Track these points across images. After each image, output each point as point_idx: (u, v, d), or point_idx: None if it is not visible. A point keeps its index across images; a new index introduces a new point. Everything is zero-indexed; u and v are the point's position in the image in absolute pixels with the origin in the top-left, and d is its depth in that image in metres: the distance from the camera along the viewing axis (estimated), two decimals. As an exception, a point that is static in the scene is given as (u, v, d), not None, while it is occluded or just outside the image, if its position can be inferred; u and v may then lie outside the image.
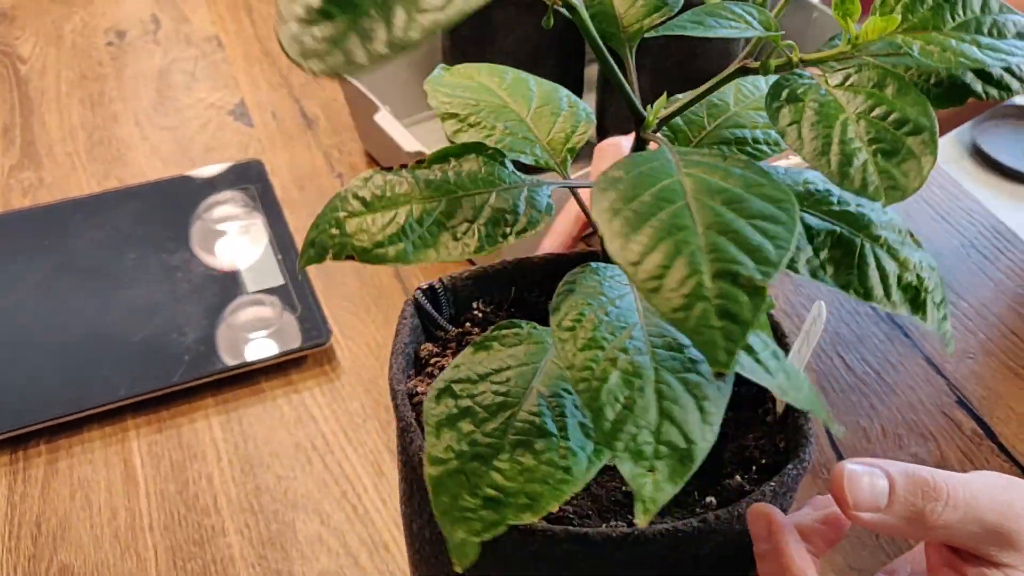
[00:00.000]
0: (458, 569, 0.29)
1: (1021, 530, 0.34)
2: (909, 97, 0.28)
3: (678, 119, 0.35)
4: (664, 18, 0.32)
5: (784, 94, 0.29)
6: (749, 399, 0.40)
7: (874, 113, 0.28)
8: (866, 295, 0.30)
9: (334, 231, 0.31)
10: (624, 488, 0.37)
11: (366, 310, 0.69)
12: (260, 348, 0.63)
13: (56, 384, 0.61)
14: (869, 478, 0.33)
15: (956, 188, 0.80)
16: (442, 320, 0.41)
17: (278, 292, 0.67)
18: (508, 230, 0.31)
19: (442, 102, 0.36)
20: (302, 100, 0.89)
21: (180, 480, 0.58)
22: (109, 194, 0.75)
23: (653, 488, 0.26)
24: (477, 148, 0.32)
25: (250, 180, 0.76)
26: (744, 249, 0.23)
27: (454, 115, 0.36)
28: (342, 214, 0.31)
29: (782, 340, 0.39)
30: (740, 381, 0.38)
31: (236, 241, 0.71)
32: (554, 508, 0.29)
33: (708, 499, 0.36)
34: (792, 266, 0.31)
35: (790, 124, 0.28)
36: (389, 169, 0.32)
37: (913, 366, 0.67)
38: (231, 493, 0.57)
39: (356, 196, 0.31)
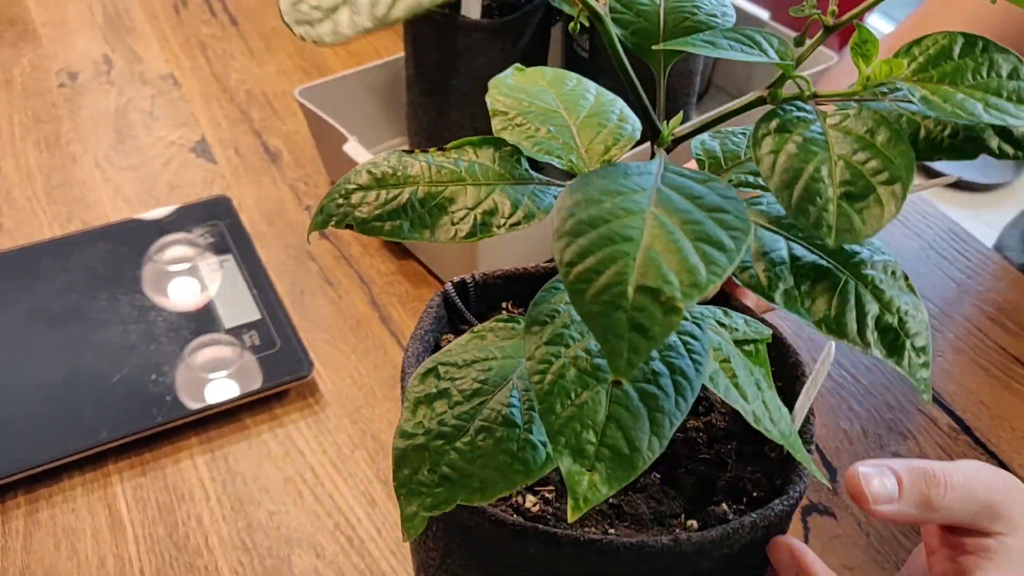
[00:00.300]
0: (405, 540, 0.30)
1: (1006, 502, 0.39)
2: (897, 148, 0.28)
3: (716, 146, 0.35)
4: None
5: (774, 124, 0.30)
6: (760, 434, 0.40)
7: (855, 157, 0.28)
8: (839, 333, 0.30)
9: (340, 200, 0.32)
10: (610, 500, 0.37)
11: (344, 340, 0.69)
12: (242, 384, 0.62)
13: (32, 432, 0.59)
14: (879, 476, 0.37)
15: (913, 193, 0.83)
16: (468, 314, 0.41)
17: (256, 327, 0.66)
18: (503, 221, 0.32)
19: (496, 99, 0.37)
20: (264, 135, 0.88)
21: (169, 522, 0.57)
22: (76, 236, 0.74)
23: (588, 487, 0.26)
24: (496, 142, 0.33)
25: (219, 216, 0.76)
26: (677, 268, 0.23)
27: (503, 113, 0.36)
28: (351, 186, 0.32)
29: (801, 379, 0.40)
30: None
31: (209, 277, 0.70)
32: (504, 494, 0.30)
33: (690, 522, 0.37)
34: (769, 295, 0.31)
35: (768, 153, 0.29)
36: (410, 152, 0.32)
37: (886, 367, 0.68)
38: (222, 532, 0.56)
39: (369, 171, 0.32)
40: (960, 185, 2.13)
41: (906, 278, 0.32)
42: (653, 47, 0.32)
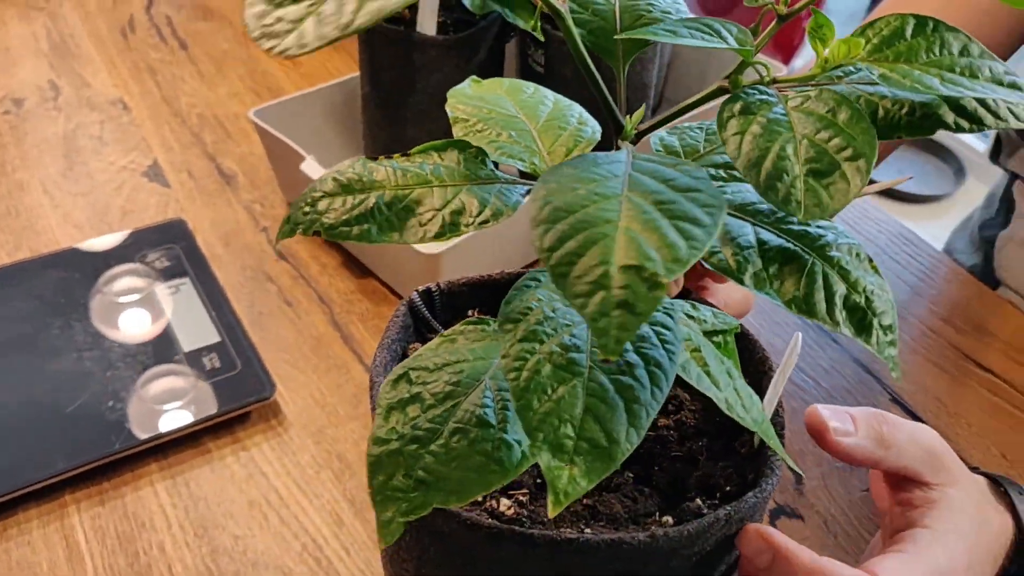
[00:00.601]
0: (381, 547, 0.29)
1: (945, 453, 0.43)
2: (859, 126, 0.29)
3: (675, 141, 0.36)
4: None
5: (738, 107, 0.30)
6: (729, 429, 0.41)
7: (819, 135, 0.29)
8: (808, 312, 0.31)
9: (307, 208, 0.32)
10: (584, 501, 0.37)
11: (305, 360, 0.68)
12: (203, 407, 0.61)
13: (-16, 464, 0.57)
14: (837, 418, 0.41)
15: (864, 201, 0.85)
16: (435, 323, 0.41)
17: (216, 349, 0.65)
18: (471, 220, 0.32)
19: (456, 108, 0.37)
20: (217, 157, 0.87)
21: (130, 552, 0.55)
22: (26, 263, 0.72)
23: (568, 481, 0.26)
24: (460, 145, 0.33)
25: (174, 240, 0.74)
26: (657, 246, 0.23)
27: (464, 120, 0.36)
28: (317, 193, 0.31)
29: (768, 373, 0.40)
30: (722, 411, 0.39)
31: (167, 301, 0.69)
32: (481, 495, 0.29)
33: (665, 519, 0.37)
34: (739, 277, 0.32)
35: (734, 135, 0.29)
36: (374, 158, 0.32)
37: (845, 370, 0.69)
38: (186, 560, 0.55)
39: (335, 179, 0.32)
40: (902, 197, 2.18)
41: (870, 260, 0.32)
42: (616, 36, 0.32)
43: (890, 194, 2.19)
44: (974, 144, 2.26)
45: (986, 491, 0.46)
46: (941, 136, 2.29)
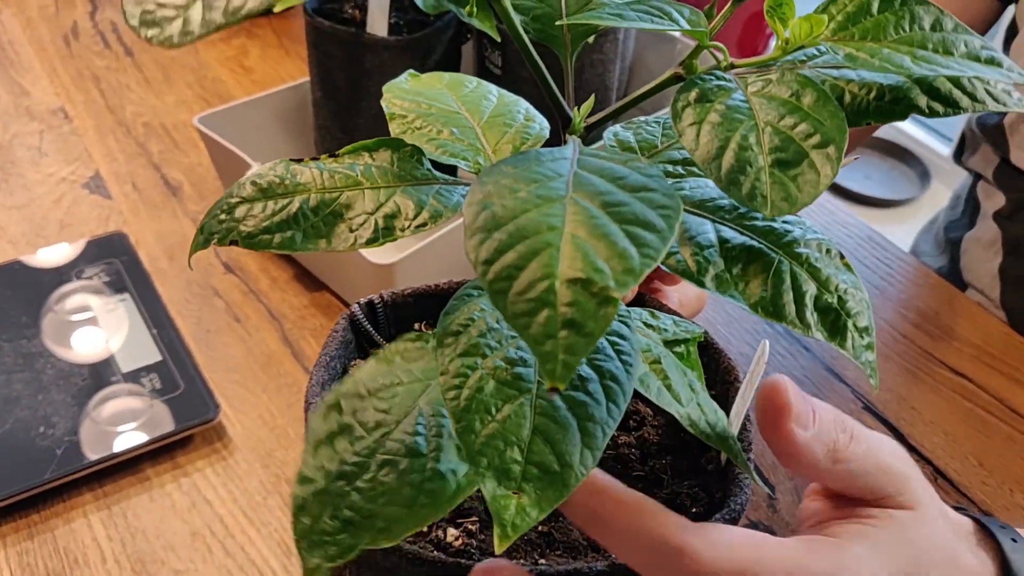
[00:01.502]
0: None
1: (906, 474, 0.34)
2: (826, 109, 0.26)
3: (630, 136, 0.33)
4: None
5: (693, 94, 0.28)
6: (695, 446, 0.38)
7: (783, 122, 0.26)
8: (776, 315, 0.29)
9: (222, 216, 0.28)
10: (539, 528, 0.34)
11: (254, 379, 0.64)
12: (141, 431, 0.57)
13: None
14: (801, 405, 0.31)
15: (832, 204, 0.83)
16: (379, 337, 0.38)
17: (156, 369, 0.62)
18: (407, 223, 0.29)
19: (392, 103, 0.34)
20: (163, 168, 0.84)
21: (60, 590, 0.51)
22: (-48, 281, 0.68)
23: (516, 512, 0.24)
24: (393, 144, 0.30)
25: (114, 254, 0.71)
26: (608, 255, 0.21)
27: (401, 116, 0.33)
28: (234, 200, 0.28)
29: (735, 384, 0.38)
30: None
31: (105, 319, 0.65)
32: (412, 532, 0.26)
33: None
34: (699, 280, 0.29)
35: (691, 125, 0.27)
36: (299, 160, 0.29)
37: (817, 378, 0.67)
38: (121, 596, 0.51)
39: (253, 183, 0.29)
40: (867, 201, 2.19)
41: (841, 256, 0.30)
42: (558, 23, 0.30)
43: (854, 198, 2.19)
44: (938, 148, 2.27)
45: (967, 533, 0.37)
46: (905, 140, 2.30)
